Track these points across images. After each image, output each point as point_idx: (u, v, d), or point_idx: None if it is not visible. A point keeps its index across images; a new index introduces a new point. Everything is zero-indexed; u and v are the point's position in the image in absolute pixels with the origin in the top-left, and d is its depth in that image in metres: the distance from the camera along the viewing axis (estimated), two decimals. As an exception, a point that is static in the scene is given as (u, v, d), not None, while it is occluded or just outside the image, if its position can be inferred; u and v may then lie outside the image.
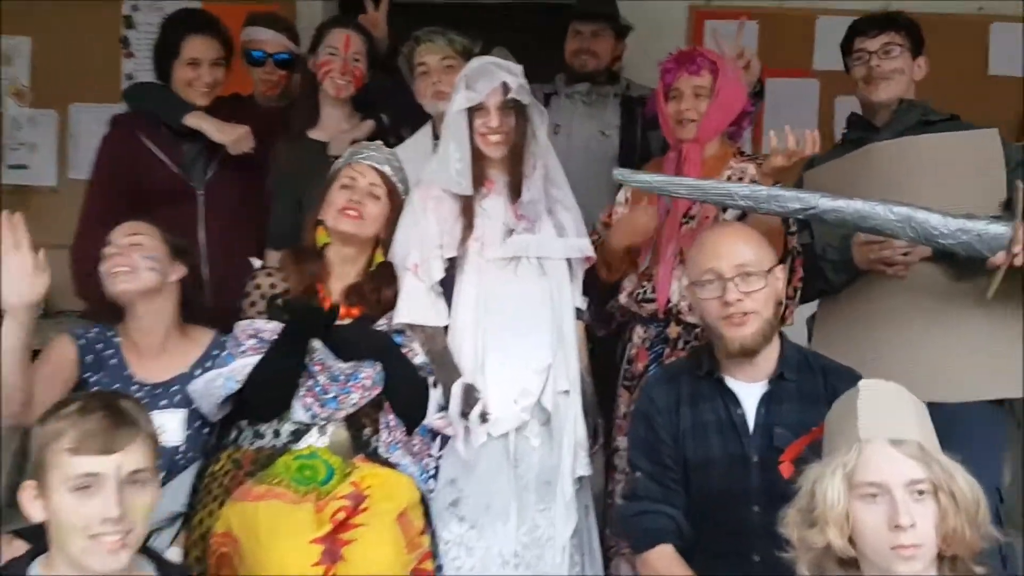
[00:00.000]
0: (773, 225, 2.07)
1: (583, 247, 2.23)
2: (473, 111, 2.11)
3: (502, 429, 2.05)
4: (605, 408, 2.33)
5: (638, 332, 2.31)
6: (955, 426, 1.93)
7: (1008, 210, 1.95)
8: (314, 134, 2.55)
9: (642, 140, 2.88)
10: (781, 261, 2.07)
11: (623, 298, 2.30)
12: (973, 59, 3.59)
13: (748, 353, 1.79)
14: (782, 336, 1.87)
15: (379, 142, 2.31)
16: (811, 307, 2.40)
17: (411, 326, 2.11)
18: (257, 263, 2.22)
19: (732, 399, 1.83)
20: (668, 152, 2.34)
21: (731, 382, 1.84)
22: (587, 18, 3.00)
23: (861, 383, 1.43)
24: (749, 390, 1.83)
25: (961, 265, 2.04)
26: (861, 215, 1.90)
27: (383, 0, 2.80)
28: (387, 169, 2.18)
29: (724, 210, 2.20)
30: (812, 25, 3.62)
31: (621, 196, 2.39)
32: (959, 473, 1.34)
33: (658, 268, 2.24)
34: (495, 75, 2.10)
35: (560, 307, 2.17)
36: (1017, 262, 1.84)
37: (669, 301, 2.22)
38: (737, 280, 1.76)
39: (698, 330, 2.18)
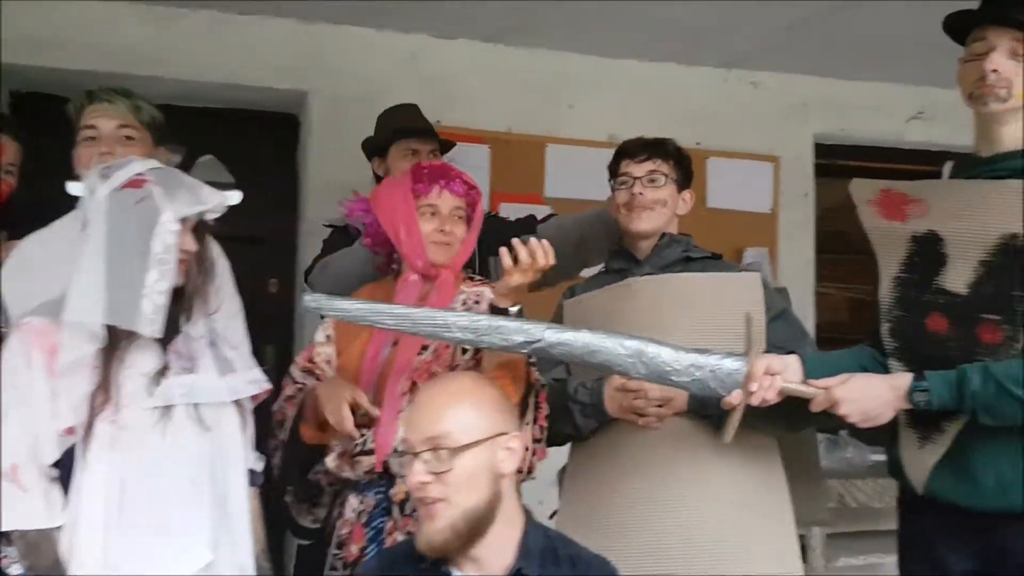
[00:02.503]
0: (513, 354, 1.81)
1: (256, 380, 1.81)
2: None
3: None
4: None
5: (352, 504, 1.89)
6: None
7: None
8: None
9: (481, 268, 2.55)
10: (524, 398, 1.82)
11: (331, 461, 1.88)
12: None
13: (438, 553, 1.47)
14: (527, 516, 1.55)
15: None
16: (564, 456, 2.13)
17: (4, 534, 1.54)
18: None
19: None
20: (404, 275, 1.99)
21: None
22: (416, 135, 2.71)
23: None
24: None
25: (717, 424, 1.86)
26: (590, 349, 1.71)
27: None
28: None
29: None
30: (542, 152, 3.58)
31: (321, 334, 2.02)
32: None
33: (381, 410, 1.85)
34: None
35: (226, 474, 1.72)
36: (754, 401, 1.69)
37: (395, 452, 1.83)
38: (427, 456, 1.45)
39: None
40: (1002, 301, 1.63)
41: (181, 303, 1.69)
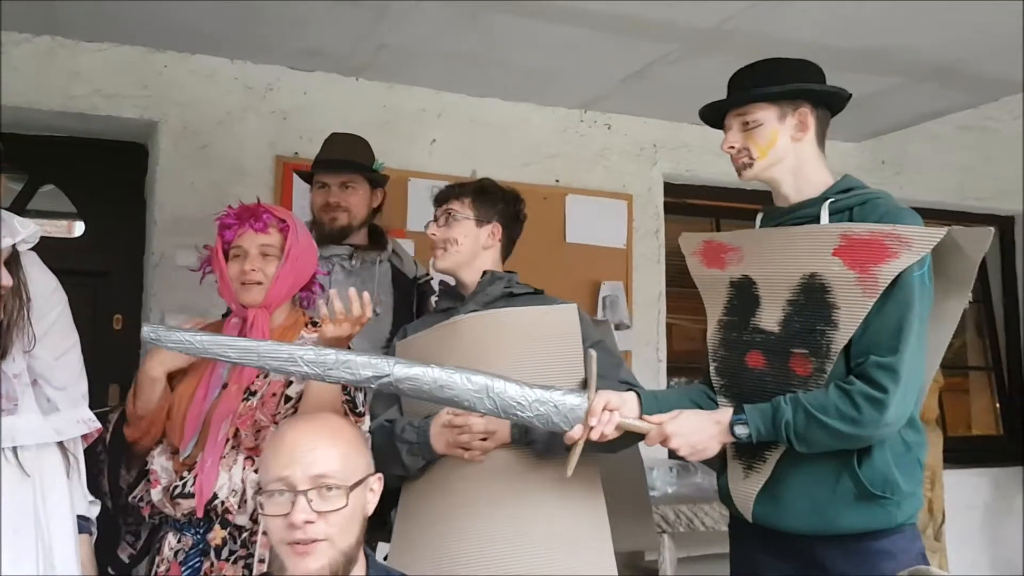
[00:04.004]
0: (334, 404, 1.82)
1: (84, 420, 1.75)
2: None
3: None
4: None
5: (170, 542, 1.85)
6: None
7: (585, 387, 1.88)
8: None
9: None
10: None
11: (156, 494, 1.85)
12: (553, 228, 3.80)
13: None
14: (368, 558, 1.53)
15: None
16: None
17: None
18: None
19: None
20: (228, 318, 2.00)
21: None
22: (332, 168, 2.61)
23: None
24: None
25: (540, 452, 1.94)
26: (439, 384, 1.73)
27: None
28: None
29: (288, 383, 1.89)
30: (405, 186, 3.59)
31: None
32: None
33: (203, 454, 1.83)
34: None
35: (50, 521, 1.63)
36: (594, 436, 1.75)
37: (215, 498, 1.80)
38: (312, 495, 1.42)
39: (246, 535, 1.80)
40: (808, 336, 1.76)
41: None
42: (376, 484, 1.52)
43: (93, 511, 1.78)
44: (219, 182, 3.30)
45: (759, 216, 1.96)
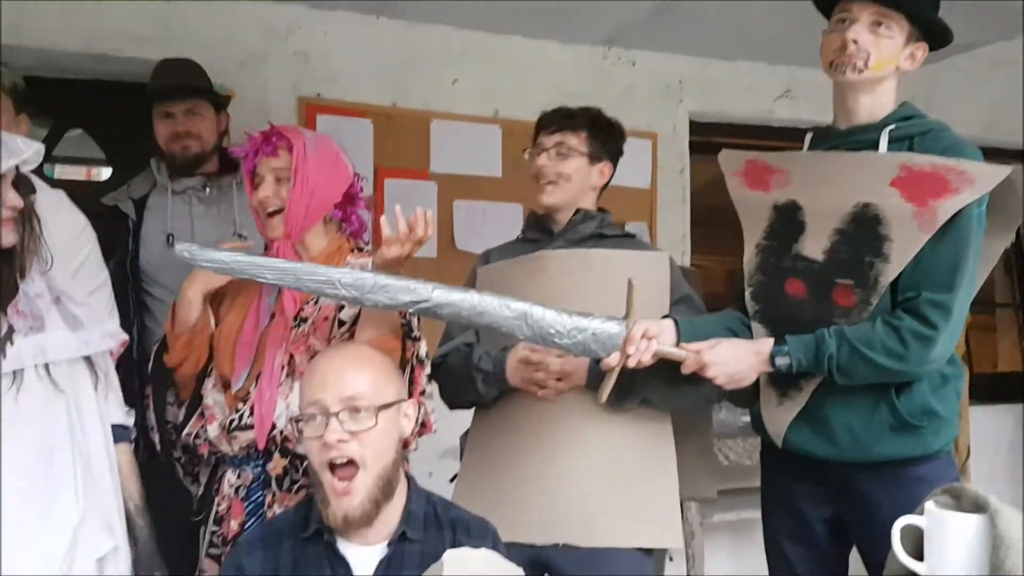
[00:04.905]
0: (392, 327, 1.79)
1: (110, 333, 1.77)
2: None
3: None
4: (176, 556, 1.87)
5: (229, 479, 1.86)
6: (594, 569, 1.86)
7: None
8: None
9: None
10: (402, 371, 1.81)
11: (213, 430, 1.85)
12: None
13: (356, 526, 1.48)
14: (410, 482, 1.58)
15: None
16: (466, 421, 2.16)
17: None
18: None
19: (344, 568, 1.49)
20: (266, 251, 1.96)
21: (344, 545, 1.50)
22: (175, 96, 2.57)
23: (446, 556, 1.18)
24: (365, 555, 1.50)
25: (615, 397, 1.91)
26: (477, 311, 1.73)
27: None
28: None
29: (341, 307, 1.87)
30: (427, 127, 3.57)
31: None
32: None
33: (259, 383, 1.82)
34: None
35: (86, 432, 1.68)
36: (630, 363, 1.76)
37: (273, 427, 1.80)
38: (343, 416, 1.45)
39: (307, 463, 1.80)
40: (855, 266, 1.74)
41: (13, 262, 1.63)
42: (410, 410, 1.56)
43: (128, 420, 1.83)
44: (243, 124, 3.29)
45: (808, 136, 1.92)
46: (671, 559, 2.81)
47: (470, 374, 1.98)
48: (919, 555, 1.15)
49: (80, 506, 1.62)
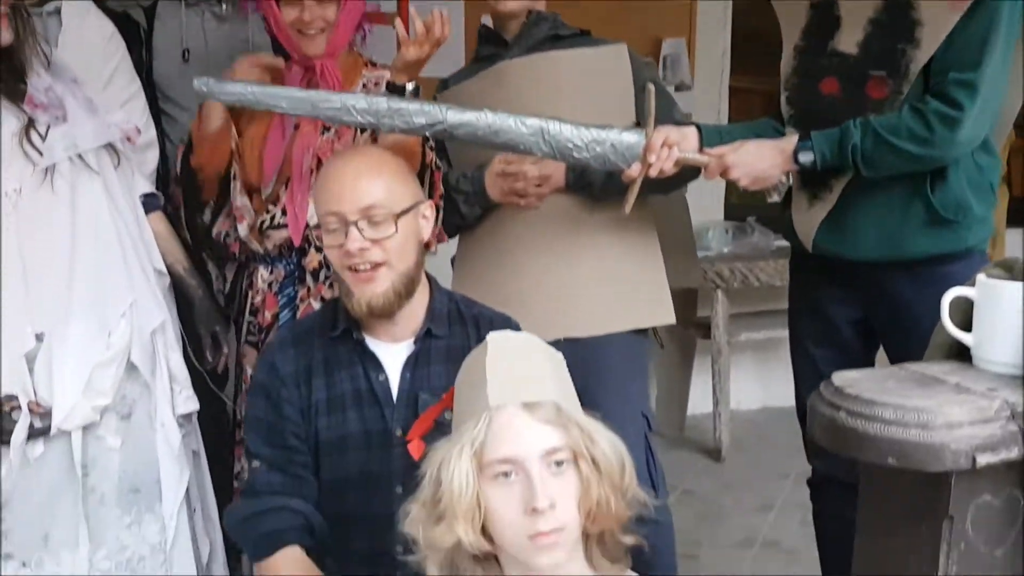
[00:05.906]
0: (409, 138, 1.79)
1: (128, 119, 1.83)
2: None
3: (69, 425, 1.61)
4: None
5: (261, 275, 1.94)
6: (596, 359, 1.90)
7: (639, 126, 1.86)
8: None
9: None
10: (419, 177, 1.81)
11: (243, 229, 1.90)
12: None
13: (379, 315, 1.52)
14: (431, 282, 1.62)
15: None
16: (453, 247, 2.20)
17: None
18: None
19: (374, 364, 1.54)
20: (289, 65, 1.94)
21: (372, 343, 1.55)
22: None
23: (490, 336, 1.19)
24: (393, 352, 1.54)
25: (595, 195, 1.95)
26: (493, 129, 1.72)
27: None
28: None
29: None
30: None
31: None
32: (600, 434, 1.15)
33: (290, 186, 1.87)
34: None
35: (124, 209, 1.75)
36: (652, 172, 1.74)
37: (307, 226, 1.85)
38: (362, 225, 1.47)
39: None
40: (888, 56, 1.68)
41: (13, 59, 1.64)
42: (428, 211, 1.57)
43: (152, 188, 1.89)
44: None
45: None
46: (662, 346, 2.90)
47: (451, 198, 1.99)
48: (966, 328, 1.13)
49: (132, 285, 1.70)
